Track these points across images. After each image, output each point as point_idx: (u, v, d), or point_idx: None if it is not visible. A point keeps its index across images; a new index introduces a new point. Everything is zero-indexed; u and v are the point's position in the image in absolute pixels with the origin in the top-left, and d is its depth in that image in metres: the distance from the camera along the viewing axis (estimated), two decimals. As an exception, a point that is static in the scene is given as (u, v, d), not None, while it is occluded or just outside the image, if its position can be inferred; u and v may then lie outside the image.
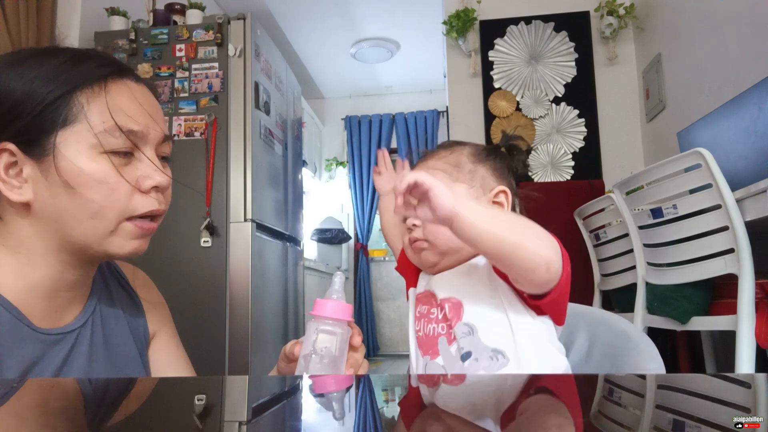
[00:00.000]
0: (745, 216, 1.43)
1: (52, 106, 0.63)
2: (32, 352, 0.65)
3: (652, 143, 3.21)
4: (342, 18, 4.42)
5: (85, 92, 0.64)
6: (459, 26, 3.42)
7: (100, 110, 0.64)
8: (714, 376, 0.92)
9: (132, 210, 0.66)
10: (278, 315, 2.97)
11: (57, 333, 0.68)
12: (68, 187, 0.63)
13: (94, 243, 0.66)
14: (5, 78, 0.63)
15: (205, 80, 2.62)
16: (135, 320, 0.81)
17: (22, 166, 0.63)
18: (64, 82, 0.64)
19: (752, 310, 1.43)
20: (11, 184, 0.63)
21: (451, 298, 0.72)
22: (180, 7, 2.83)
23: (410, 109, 5.61)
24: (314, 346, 0.63)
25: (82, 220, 0.64)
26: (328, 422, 0.39)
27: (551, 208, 2.40)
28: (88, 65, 0.66)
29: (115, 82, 0.67)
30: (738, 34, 2.28)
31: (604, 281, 2.18)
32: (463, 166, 0.77)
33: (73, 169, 0.63)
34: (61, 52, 0.67)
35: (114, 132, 0.64)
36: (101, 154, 0.64)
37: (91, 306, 0.74)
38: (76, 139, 0.63)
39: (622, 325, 0.81)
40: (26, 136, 0.63)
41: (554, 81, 3.42)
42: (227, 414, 0.41)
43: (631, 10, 3.28)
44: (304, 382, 0.53)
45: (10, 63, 0.65)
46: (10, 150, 0.63)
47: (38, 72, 0.64)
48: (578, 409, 0.41)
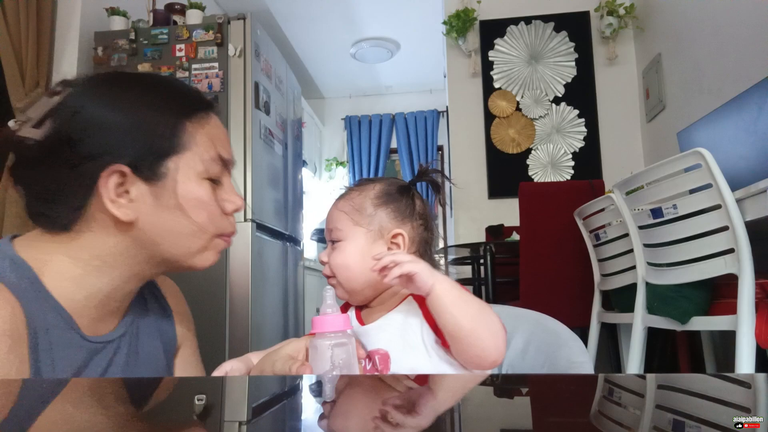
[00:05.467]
0: (745, 216, 1.43)
1: (167, 134, 0.68)
2: (79, 358, 0.67)
3: (652, 143, 3.21)
4: (342, 18, 4.42)
5: (193, 122, 0.70)
6: (459, 26, 3.42)
7: (205, 140, 0.71)
8: (714, 376, 0.92)
9: (222, 229, 0.74)
10: (278, 315, 2.97)
11: (100, 341, 0.70)
12: (176, 208, 0.68)
13: (184, 258, 0.72)
14: (114, 105, 0.67)
15: (205, 80, 2.62)
16: (165, 331, 0.84)
17: (130, 187, 0.67)
18: (176, 112, 0.69)
19: (752, 310, 1.43)
20: (119, 203, 0.66)
21: (379, 349, 0.75)
22: (180, 7, 2.83)
23: (410, 109, 5.61)
24: (333, 361, 0.65)
25: (182, 238, 0.70)
26: (328, 422, 0.39)
27: (551, 208, 2.40)
28: (190, 98, 0.73)
29: (209, 114, 0.73)
30: (738, 34, 2.28)
31: (604, 281, 2.18)
32: (364, 209, 0.82)
33: (183, 192, 0.68)
34: (165, 83, 0.74)
35: (216, 160, 0.71)
36: (204, 179, 0.70)
37: (130, 316, 0.76)
38: (187, 165, 0.69)
39: (553, 324, 0.88)
40: (139, 159, 0.66)
41: (554, 81, 3.42)
42: (227, 414, 0.41)
43: (631, 10, 3.28)
44: (304, 382, 0.53)
45: (114, 90, 0.69)
46: (121, 171, 0.65)
47: (150, 100, 0.69)
48: (579, 409, 0.41)
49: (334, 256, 0.80)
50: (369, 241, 0.80)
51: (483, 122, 3.45)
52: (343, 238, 0.80)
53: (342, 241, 0.80)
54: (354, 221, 0.81)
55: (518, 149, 3.41)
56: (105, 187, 0.65)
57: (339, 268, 0.80)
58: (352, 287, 0.80)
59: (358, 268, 0.79)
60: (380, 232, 0.81)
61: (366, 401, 0.43)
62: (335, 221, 0.82)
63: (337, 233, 0.81)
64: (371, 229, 0.81)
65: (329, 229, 0.83)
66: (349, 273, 0.79)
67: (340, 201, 0.84)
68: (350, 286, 0.80)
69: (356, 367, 0.67)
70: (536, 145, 3.40)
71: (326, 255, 0.82)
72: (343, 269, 0.79)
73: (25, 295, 0.62)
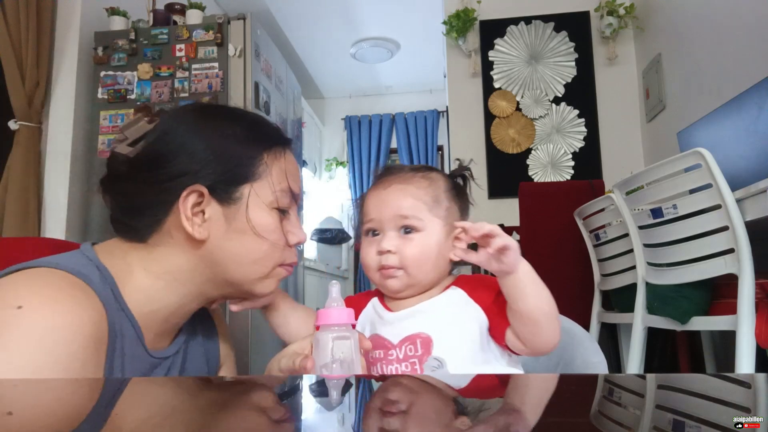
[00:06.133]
0: (745, 216, 1.43)
1: (245, 162, 0.72)
2: (142, 371, 0.70)
3: (652, 143, 3.21)
4: (342, 18, 4.41)
5: (271, 155, 0.74)
6: (459, 26, 3.42)
7: (279, 172, 0.75)
8: (714, 376, 0.92)
9: (283, 260, 0.76)
10: (278, 315, 2.97)
11: (159, 357, 0.73)
12: (245, 233, 0.71)
13: (246, 283, 0.74)
14: (200, 132, 0.72)
15: (205, 80, 2.62)
16: (211, 350, 0.86)
17: (206, 207, 0.71)
18: (256, 143, 0.74)
19: (752, 310, 1.43)
20: (194, 222, 0.70)
21: (420, 333, 0.74)
22: (180, 7, 2.83)
23: (410, 109, 5.61)
24: (333, 354, 0.64)
25: (246, 263, 0.72)
26: (328, 422, 0.39)
27: (551, 208, 2.40)
28: (271, 131, 0.78)
29: (284, 149, 0.77)
30: (738, 34, 2.28)
31: (604, 281, 2.18)
32: (440, 201, 0.78)
33: (254, 218, 0.71)
34: (249, 117, 0.78)
35: (286, 192, 0.75)
36: (273, 209, 0.74)
37: (183, 335, 0.80)
38: (260, 193, 0.72)
39: (568, 324, 0.87)
40: (218, 183, 0.70)
41: (554, 81, 3.42)
42: (227, 414, 0.41)
43: (631, 10, 3.28)
44: (304, 382, 0.53)
45: (206, 119, 0.75)
46: (200, 191, 0.70)
47: (233, 131, 0.73)
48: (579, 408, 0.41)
49: (410, 247, 0.75)
50: (444, 235, 0.77)
51: (483, 122, 3.45)
52: (422, 229, 0.76)
53: (420, 231, 0.76)
54: (433, 212, 0.77)
55: (518, 149, 3.41)
56: (183, 204, 0.69)
57: (414, 260, 0.75)
58: (419, 279, 0.76)
59: (435, 260, 0.76)
60: (452, 225, 0.77)
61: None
62: (411, 209, 0.76)
63: (416, 222, 0.76)
64: (448, 222, 0.78)
65: (400, 216, 0.76)
66: (426, 266, 0.76)
67: (410, 187, 0.79)
68: (418, 279, 0.76)
69: (358, 363, 0.66)
70: (536, 145, 3.40)
71: (392, 244, 0.76)
72: (421, 261, 0.75)
73: (108, 303, 0.65)
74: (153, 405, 0.43)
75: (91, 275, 0.65)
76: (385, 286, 0.78)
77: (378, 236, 0.78)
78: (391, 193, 0.78)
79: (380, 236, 0.78)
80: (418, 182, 0.79)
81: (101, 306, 0.64)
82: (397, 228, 0.77)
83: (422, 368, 0.72)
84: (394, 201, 0.77)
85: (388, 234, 0.77)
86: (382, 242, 0.77)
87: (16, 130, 2.47)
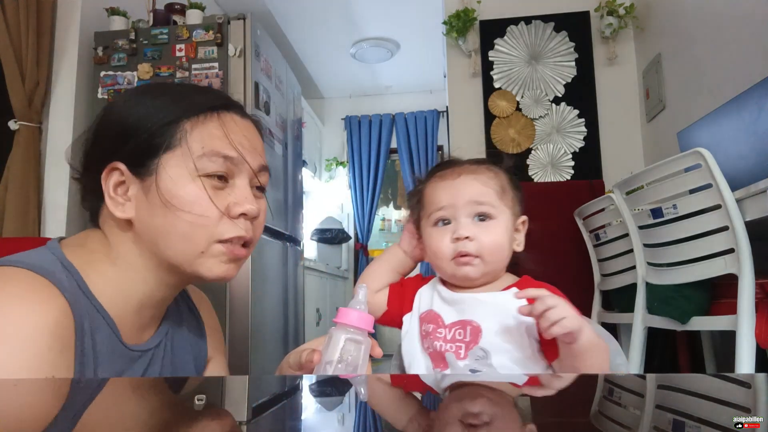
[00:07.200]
0: (745, 216, 1.43)
1: (160, 132, 0.68)
2: (119, 366, 0.68)
3: (652, 143, 3.21)
4: (342, 18, 4.41)
5: (191, 121, 0.69)
6: (459, 26, 3.42)
7: (201, 137, 0.68)
8: (714, 376, 0.92)
9: (219, 234, 0.68)
10: (278, 315, 2.97)
11: (137, 350, 0.71)
12: (164, 206, 0.67)
13: (185, 263, 0.69)
14: (128, 105, 0.71)
15: (205, 80, 2.62)
16: (198, 345, 0.84)
17: (129, 185, 0.68)
18: (174, 111, 0.69)
19: (752, 310, 1.43)
20: (117, 201, 0.68)
21: (471, 321, 0.74)
22: (180, 7, 2.82)
23: (410, 109, 5.61)
24: (341, 353, 0.64)
25: (174, 239, 0.68)
26: (328, 422, 0.39)
27: (551, 208, 2.40)
28: (199, 98, 0.72)
29: (219, 113, 0.71)
30: (738, 34, 2.28)
31: (604, 281, 2.17)
32: (507, 192, 0.79)
33: (170, 189, 0.67)
34: (179, 86, 0.76)
35: (211, 157, 0.68)
36: (197, 178, 0.67)
37: (165, 327, 0.77)
38: (176, 163, 0.67)
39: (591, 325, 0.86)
40: (135, 157, 0.68)
41: (554, 81, 3.42)
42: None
43: (631, 10, 3.28)
44: (304, 382, 0.53)
45: (137, 93, 0.73)
46: (120, 169, 0.68)
47: (155, 101, 0.70)
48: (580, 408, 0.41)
49: (486, 234, 0.75)
50: (511, 224, 0.78)
51: (483, 122, 3.45)
52: (495, 216, 0.76)
53: (493, 219, 0.76)
54: (503, 201, 0.78)
55: (518, 149, 3.41)
56: (105, 183, 0.68)
57: (491, 247, 0.75)
58: (493, 268, 0.77)
59: (507, 250, 0.77)
60: (516, 216, 0.78)
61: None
62: (485, 195, 0.77)
63: (490, 209, 0.76)
64: (514, 212, 0.79)
65: (475, 202, 0.76)
66: (500, 253, 0.76)
67: (481, 176, 0.79)
68: (492, 267, 0.77)
69: (363, 370, 0.65)
70: (536, 145, 3.40)
71: (469, 231, 0.75)
72: (495, 249, 0.75)
73: (76, 299, 0.63)
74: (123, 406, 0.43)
75: (55, 271, 0.63)
76: (460, 274, 0.77)
77: (450, 225, 0.78)
78: (464, 181, 0.78)
79: (453, 224, 0.77)
80: (485, 172, 0.80)
81: (66, 303, 0.61)
82: (471, 215, 0.77)
83: (467, 354, 0.73)
84: (468, 188, 0.77)
85: (462, 221, 0.76)
86: (458, 229, 0.76)
87: (16, 130, 2.47)
